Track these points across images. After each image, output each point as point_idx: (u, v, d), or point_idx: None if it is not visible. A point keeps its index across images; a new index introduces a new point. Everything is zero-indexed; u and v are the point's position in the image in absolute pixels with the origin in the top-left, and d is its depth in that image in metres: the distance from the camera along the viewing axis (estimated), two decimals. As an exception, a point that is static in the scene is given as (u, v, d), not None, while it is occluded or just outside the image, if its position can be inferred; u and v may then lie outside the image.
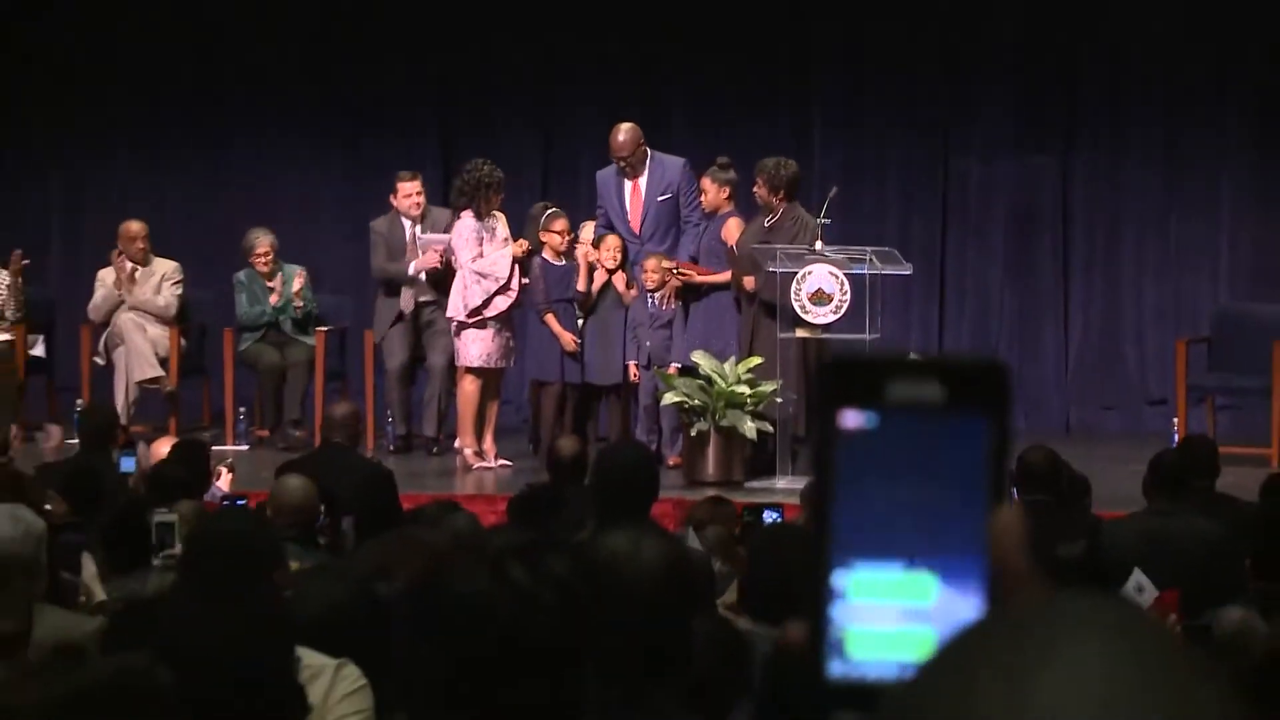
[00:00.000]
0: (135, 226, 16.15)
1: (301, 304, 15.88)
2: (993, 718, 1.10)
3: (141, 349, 15.67)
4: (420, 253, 15.38)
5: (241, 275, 15.98)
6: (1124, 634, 1.13)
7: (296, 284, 15.73)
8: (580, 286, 14.80)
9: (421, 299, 15.52)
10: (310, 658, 4.85)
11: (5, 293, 16.24)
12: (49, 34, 18.65)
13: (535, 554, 3.57)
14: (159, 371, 15.70)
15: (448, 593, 3.64)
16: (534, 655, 3.48)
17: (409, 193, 15.46)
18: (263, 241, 15.84)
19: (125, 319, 15.93)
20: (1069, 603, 1.17)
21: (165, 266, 16.21)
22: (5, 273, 16.23)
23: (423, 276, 15.34)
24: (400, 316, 15.51)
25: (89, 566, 8.67)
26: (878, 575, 1.38)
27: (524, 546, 3.64)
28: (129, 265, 16.11)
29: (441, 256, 15.25)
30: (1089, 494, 10.73)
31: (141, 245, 16.16)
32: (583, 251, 15.03)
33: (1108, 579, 7.56)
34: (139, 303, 16.01)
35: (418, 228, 15.56)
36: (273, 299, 15.78)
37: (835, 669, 1.36)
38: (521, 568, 3.48)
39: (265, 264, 15.82)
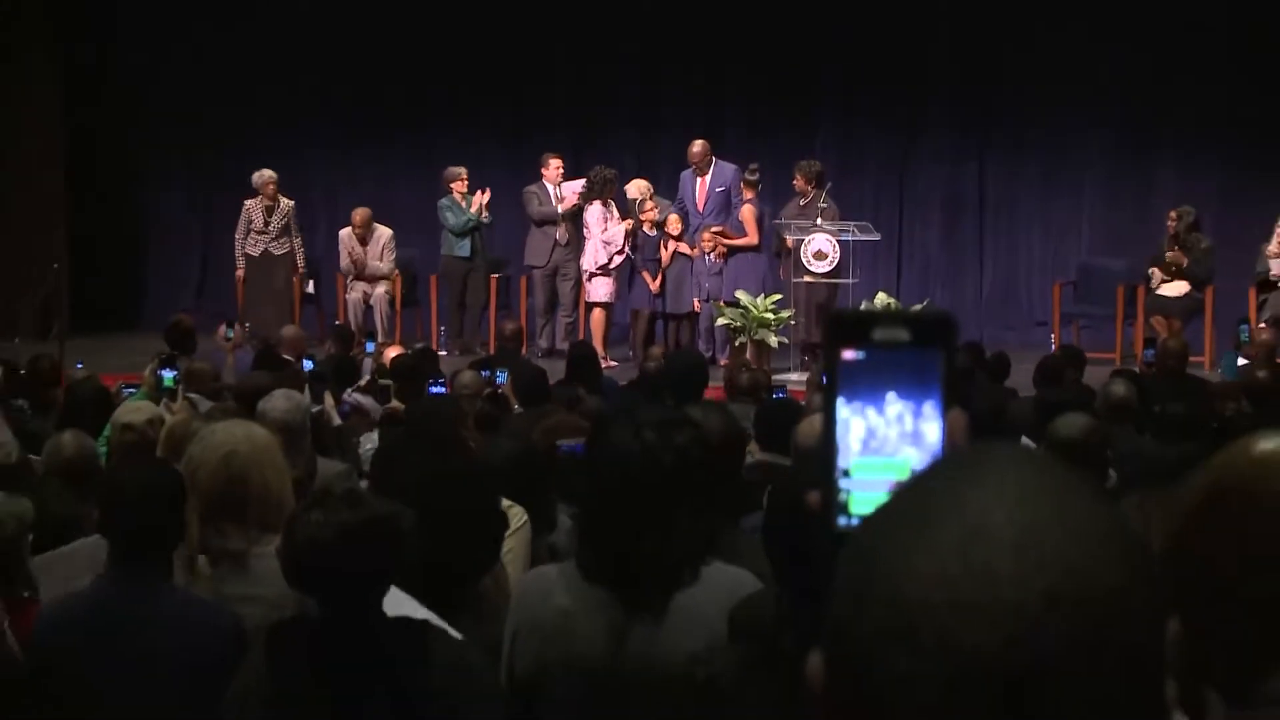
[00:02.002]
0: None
1: (485, 216, 16.42)
2: (936, 527, 1.13)
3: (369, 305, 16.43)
4: (563, 198, 16.10)
5: (445, 200, 16.35)
6: (1031, 465, 1.16)
7: (476, 201, 16.31)
8: (665, 259, 15.75)
9: (557, 240, 16.12)
10: None
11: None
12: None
13: (665, 426, 3.79)
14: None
15: (603, 448, 3.89)
16: (657, 493, 3.68)
17: (556, 166, 16.13)
18: (461, 174, 16.34)
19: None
20: (990, 448, 1.21)
21: (383, 235, 16.62)
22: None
23: (559, 209, 15.98)
24: (554, 246, 16.11)
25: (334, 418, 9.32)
26: (871, 459, 1.43)
27: (658, 420, 3.83)
28: (357, 249, 16.49)
29: (577, 199, 15.97)
30: (1008, 373, 11.21)
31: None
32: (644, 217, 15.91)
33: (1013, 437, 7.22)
34: (370, 271, 16.45)
35: (560, 188, 16.15)
36: (475, 210, 16.24)
37: (841, 522, 1.42)
38: (655, 434, 3.72)
39: (461, 189, 16.36)
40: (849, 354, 1.43)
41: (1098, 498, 1.16)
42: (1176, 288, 15.36)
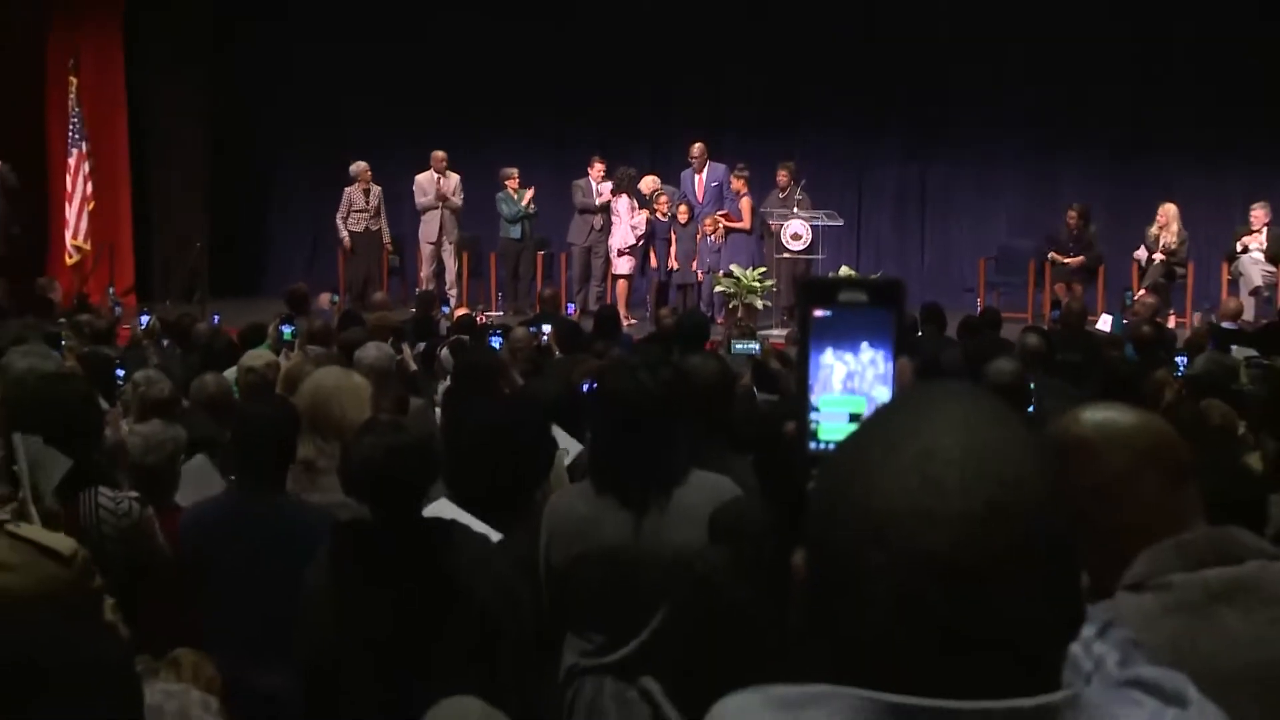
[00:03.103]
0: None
1: (532, 207, 16.29)
2: (897, 450, 1.10)
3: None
4: (601, 194, 15.91)
5: (500, 194, 16.19)
6: (972, 400, 1.12)
7: (526, 197, 16.21)
8: (673, 260, 15.67)
9: (593, 226, 15.96)
10: None
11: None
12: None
13: (654, 366, 3.84)
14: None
15: (606, 386, 3.92)
16: (651, 420, 3.73)
17: (599, 168, 16.00)
18: (513, 174, 16.19)
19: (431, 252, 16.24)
20: (940, 386, 1.18)
21: (455, 177, 16.34)
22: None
23: (598, 202, 15.85)
24: (590, 230, 15.98)
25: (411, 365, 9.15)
26: (837, 398, 1.41)
27: (647, 363, 3.89)
28: (443, 182, 16.14)
29: (612, 195, 15.83)
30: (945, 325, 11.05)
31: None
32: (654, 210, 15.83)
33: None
34: (449, 205, 16.16)
35: (600, 184, 15.95)
36: (524, 203, 16.13)
37: (811, 446, 1.40)
38: (647, 373, 3.78)
39: (513, 186, 16.22)
40: (819, 313, 1.43)
41: (1024, 426, 1.14)
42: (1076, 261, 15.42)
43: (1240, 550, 1.90)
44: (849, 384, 1.43)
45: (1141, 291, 14.20)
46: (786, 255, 14.84)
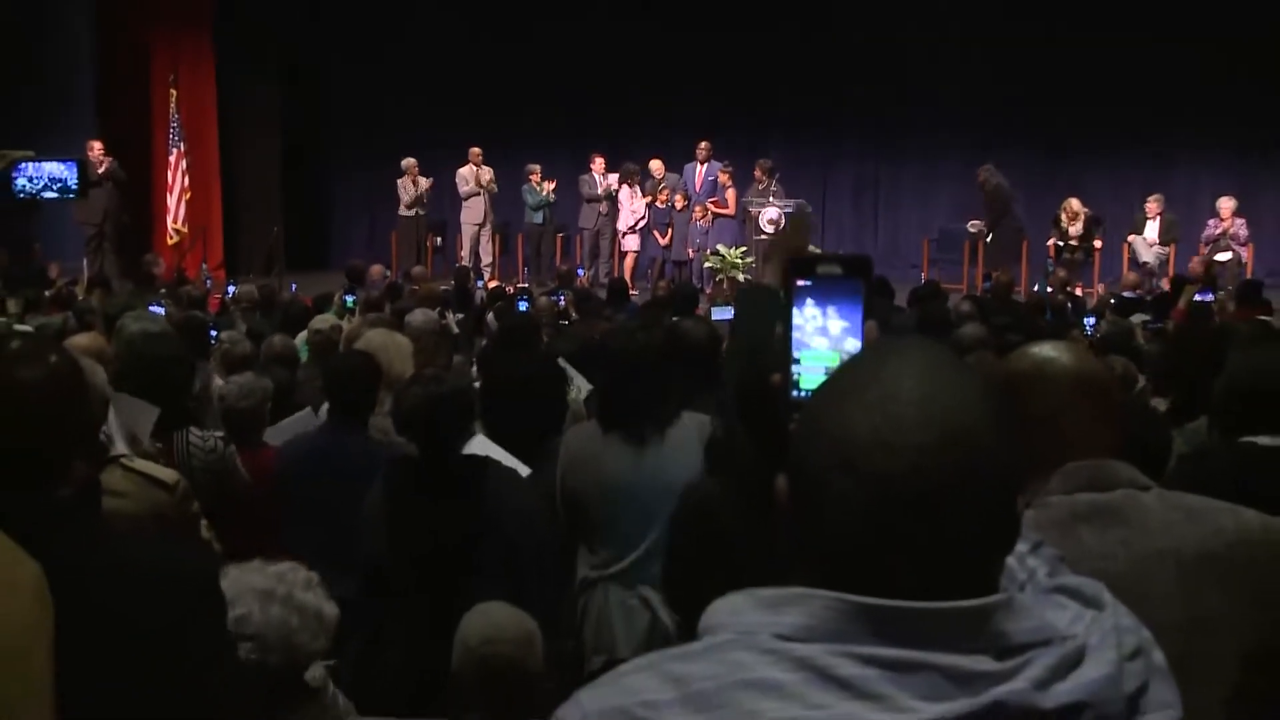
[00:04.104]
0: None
1: (551, 197, 16.05)
2: (864, 392, 1.07)
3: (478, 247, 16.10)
4: (604, 185, 15.78)
5: (525, 186, 15.96)
6: (927, 350, 1.10)
7: (547, 188, 16.01)
8: (664, 239, 15.55)
9: (600, 212, 15.74)
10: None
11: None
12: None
13: (650, 328, 3.97)
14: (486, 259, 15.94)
15: (611, 345, 4.02)
16: (647, 371, 3.75)
17: (600, 163, 15.88)
18: (536, 169, 15.95)
19: (471, 229, 16.10)
20: (899, 340, 1.15)
21: (489, 169, 16.04)
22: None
23: (600, 192, 15.64)
24: (597, 216, 15.75)
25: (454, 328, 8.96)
26: (815, 353, 1.39)
27: (644, 325, 3.99)
28: (481, 173, 15.87)
29: (612, 188, 15.69)
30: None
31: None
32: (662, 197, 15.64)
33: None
34: (487, 189, 15.86)
35: (604, 176, 15.80)
36: (545, 193, 15.98)
37: (794, 394, 1.38)
38: (644, 333, 3.85)
39: (536, 179, 16.02)
40: (801, 282, 1.41)
41: (972, 373, 1.12)
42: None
43: (1113, 480, 1.87)
44: (826, 341, 1.41)
45: (1058, 266, 14.34)
46: (763, 237, 14.75)
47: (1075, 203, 15.07)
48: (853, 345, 1.40)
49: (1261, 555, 1.78)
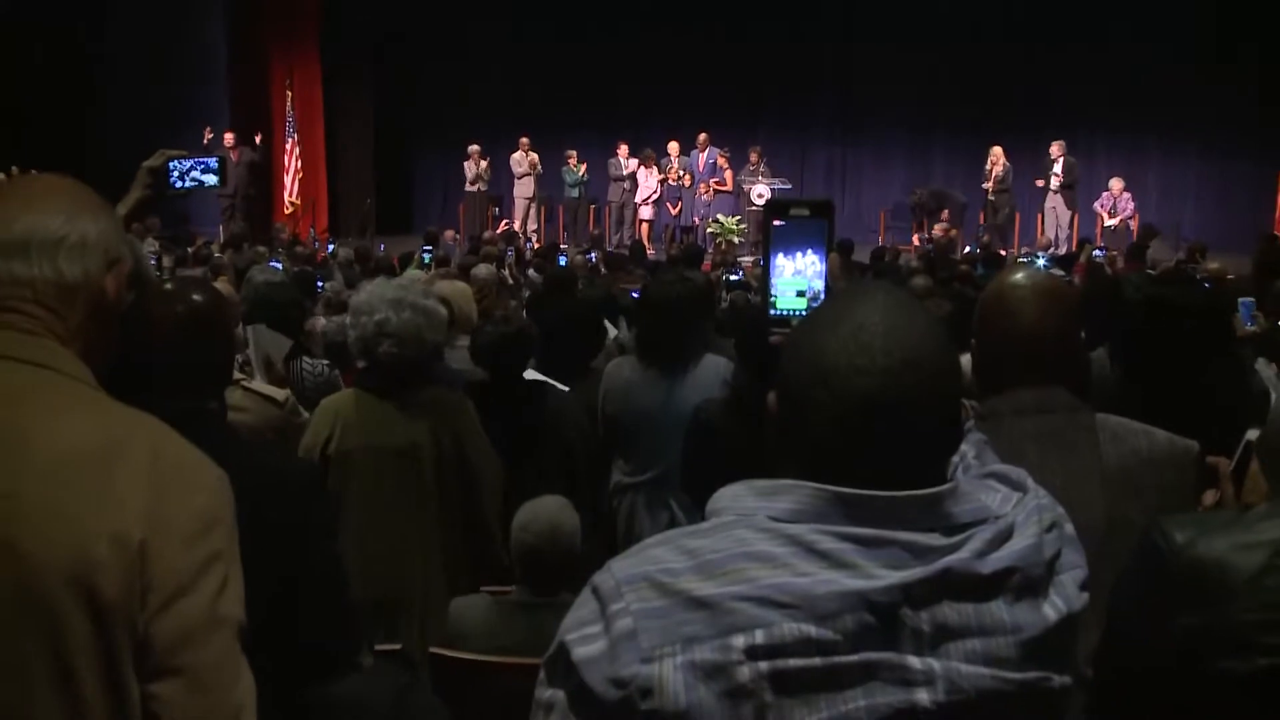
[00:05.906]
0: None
1: (585, 177, 15.73)
2: (838, 324, 1.05)
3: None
4: (626, 167, 15.57)
5: (564, 168, 15.64)
6: (892, 291, 1.07)
7: (582, 169, 15.76)
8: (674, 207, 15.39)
9: (624, 188, 15.49)
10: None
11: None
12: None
13: (677, 281, 3.69)
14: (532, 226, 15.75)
15: (653, 295, 3.72)
16: (680, 317, 3.59)
17: (624, 150, 15.50)
18: (572, 153, 15.65)
19: (522, 203, 15.86)
20: (867, 284, 1.11)
21: (535, 155, 15.59)
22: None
23: (624, 173, 15.46)
24: (622, 192, 15.38)
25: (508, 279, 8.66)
26: (790, 278, 1.36)
27: (675, 279, 3.72)
28: (530, 157, 15.44)
29: (637, 166, 15.36)
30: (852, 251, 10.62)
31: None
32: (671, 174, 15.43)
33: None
34: (534, 170, 15.44)
35: (627, 160, 15.49)
36: (580, 174, 15.80)
37: (771, 311, 1.35)
38: (680, 285, 3.66)
39: (572, 162, 15.74)
40: (777, 223, 1.38)
41: (925, 311, 1.09)
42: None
43: (1055, 405, 1.80)
44: (796, 269, 1.38)
45: (986, 230, 14.31)
46: (754, 208, 14.57)
47: (998, 150, 14.86)
48: (818, 271, 1.36)
49: (1167, 469, 1.78)
